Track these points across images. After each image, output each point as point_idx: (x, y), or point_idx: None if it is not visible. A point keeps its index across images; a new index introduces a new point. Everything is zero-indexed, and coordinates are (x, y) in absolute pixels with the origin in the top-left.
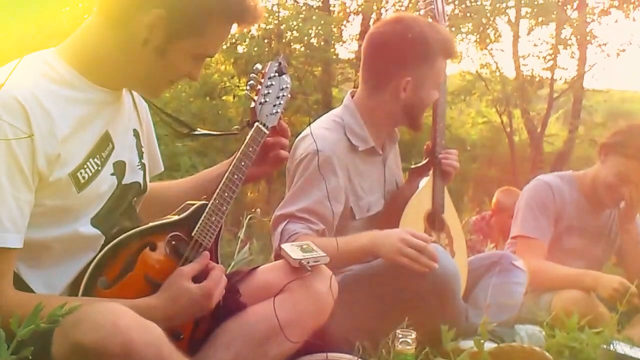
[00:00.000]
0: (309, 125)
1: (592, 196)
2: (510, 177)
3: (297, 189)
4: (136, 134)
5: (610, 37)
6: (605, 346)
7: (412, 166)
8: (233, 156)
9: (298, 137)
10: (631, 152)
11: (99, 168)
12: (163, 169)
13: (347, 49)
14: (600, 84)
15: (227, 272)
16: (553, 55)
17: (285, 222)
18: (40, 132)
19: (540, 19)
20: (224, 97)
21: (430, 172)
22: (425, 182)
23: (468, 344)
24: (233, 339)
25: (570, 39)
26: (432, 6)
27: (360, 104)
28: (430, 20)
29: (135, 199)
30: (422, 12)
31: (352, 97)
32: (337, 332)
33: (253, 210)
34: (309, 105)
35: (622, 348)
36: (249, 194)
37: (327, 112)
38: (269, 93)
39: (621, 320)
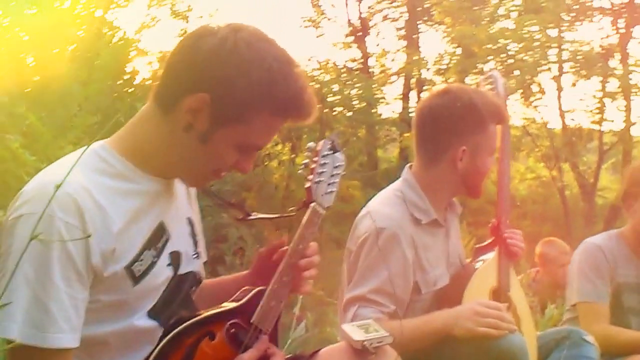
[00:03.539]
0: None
1: None
2: (564, 233)
3: (365, 269)
4: (190, 222)
5: None
6: None
7: (477, 245)
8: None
9: (358, 216)
10: None
11: (155, 260)
12: (206, 258)
13: (389, 109)
14: None
15: (285, 348)
16: (600, 108)
17: (357, 306)
18: (94, 227)
19: (583, 72)
20: (266, 163)
21: (496, 251)
22: (490, 257)
23: None
24: None
25: (616, 91)
26: (493, 85)
27: (419, 176)
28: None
29: (193, 288)
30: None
31: (410, 169)
32: None
33: None
34: (354, 167)
35: None
36: None
37: (373, 173)
38: (323, 172)
39: None
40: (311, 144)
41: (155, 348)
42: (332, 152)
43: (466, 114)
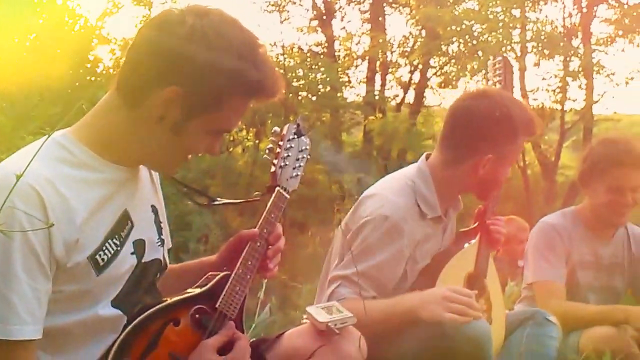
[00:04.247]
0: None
1: (597, 226)
2: (526, 211)
3: (360, 251)
4: (154, 209)
5: (618, 66)
6: None
7: (461, 230)
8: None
9: (365, 194)
10: (606, 164)
11: (119, 248)
12: (170, 245)
13: (353, 93)
14: (608, 109)
15: (249, 333)
16: (562, 88)
17: (338, 284)
18: (57, 218)
19: (546, 52)
20: (231, 149)
21: (478, 237)
22: (471, 244)
23: None
24: None
25: (578, 70)
26: (501, 70)
27: (435, 171)
28: (498, 86)
29: (157, 276)
30: (490, 81)
31: (427, 159)
32: None
33: None
34: (318, 152)
35: None
36: None
37: (338, 157)
38: (288, 156)
39: None
40: (276, 129)
41: (119, 336)
42: (297, 136)
43: (501, 124)
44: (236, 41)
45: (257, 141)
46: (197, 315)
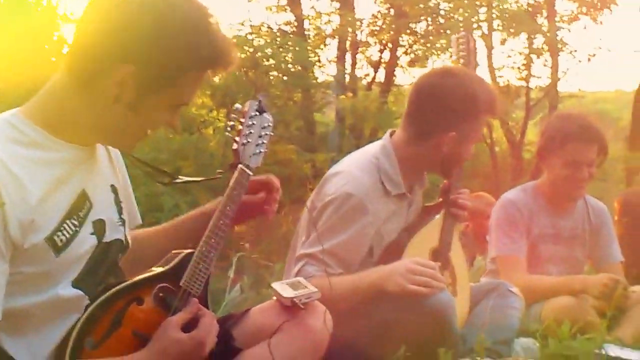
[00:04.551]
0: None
1: (555, 200)
2: (493, 187)
3: (325, 230)
4: (114, 189)
5: (581, 43)
6: (597, 351)
7: (426, 205)
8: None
9: (329, 172)
10: (563, 139)
11: (77, 229)
12: (141, 222)
13: (325, 72)
14: (573, 87)
15: (220, 311)
16: (527, 65)
17: (304, 262)
18: (10, 198)
19: (511, 29)
20: (203, 130)
21: (442, 211)
22: (435, 219)
23: None
24: None
25: (542, 48)
26: (464, 46)
27: (399, 148)
28: (462, 62)
29: (119, 255)
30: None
31: (391, 137)
32: None
33: (242, 244)
34: (291, 132)
35: (613, 351)
36: (236, 227)
37: (311, 137)
38: (250, 133)
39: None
40: (238, 106)
41: (82, 316)
42: (259, 113)
43: (465, 103)
44: (187, 14)
45: (228, 121)
46: (160, 294)
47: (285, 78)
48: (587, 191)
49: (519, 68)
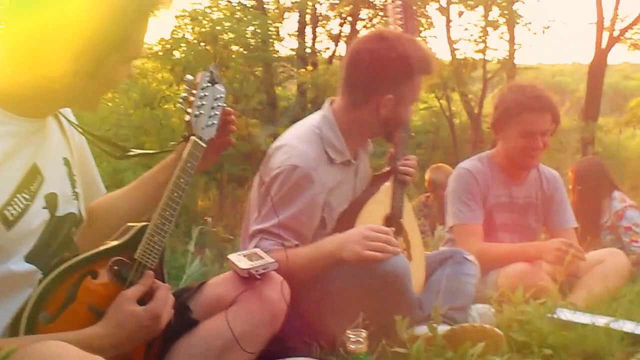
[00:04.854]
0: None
1: (510, 169)
2: (454, 159)
3: (275, 203)
4: (67, 162)
5: (536, 16)
6: (550, 315)
7: (375, 174)
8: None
9: (274, 145)
10: (517, 110)
11: (29, 203)
12: (105, 192)
13: (286, 47)
14: (531, 60)
15: (180, 285)
16: (483, 37)
17: (259, 238)
18: None
19: (469, 2)
20: (165, 106)
21: (391, 179)
22: (385, 186)
23: (423, 330)
24: (188, 358)
25: (497, 20)
26: (401, 15)
27: (339, 115)
28: (400, 29)
29: (73, 229)
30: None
31: (331, 105)
32: (293, 335)
33: (205, 218)
34: (253, 106)
35: (565, 315)
36: (199, 202)
37: (273, 112)
38: (203, 104)
39: (563, 288)
40: (189, 77)
41: (35, 290)
42: (211, 84)
43: (399, 65)
44: None
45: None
46: (115, 267)
47: (245, 52)
48: (545, 162)
49: (475, 40)
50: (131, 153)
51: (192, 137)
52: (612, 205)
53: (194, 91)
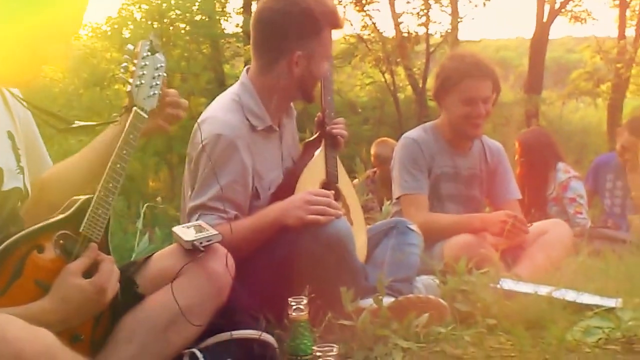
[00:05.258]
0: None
1: (454, 139)
2: (399, 134)
3: (206, 176)
4: (10, 135)
5: None
6: (493, 285)
7: (306, 140)
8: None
9: (199, 120)
10: (458, 78)
11: None
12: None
13: (232, 24)
14: (475, 35)
15: (127, 262)
16: (426, 11)
17: (198, 214)
18: None
19: None
20: (115, 87)
21: (322, 144)
22: (317, 153)
23: (368, 302)
24: (134, 331)
25: None
26: None
27: (256, 81)
28: None
29: (18, 204)
30: None
31: (248, 72)
32: (240, 309)
33: (156, 199)
34: (201, 85)
35: (508, 285)
36: (150, 183)
37: (222, 90)
38: (143, 74)
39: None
40: (129, 46)
41: None
42: (151, 53)
43: (303, 20)
44: None
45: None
46: (61, 241)
47: (192, 29)
48: (489, 135)
49: (418, 14)
50: (74, 125)
51: (134, 108)
52: (556, 176)
53: (134, 61)
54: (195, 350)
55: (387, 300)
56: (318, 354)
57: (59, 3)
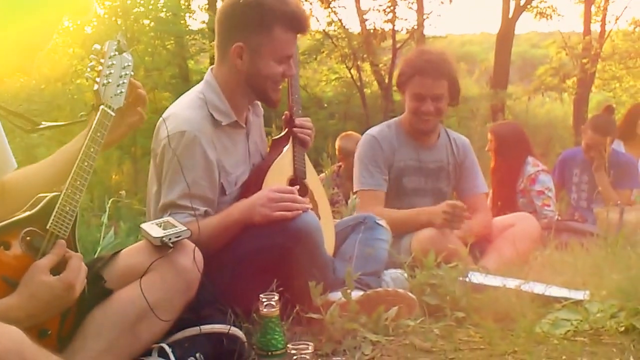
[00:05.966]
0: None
1: (414, 133)
2: (365, 129)
3: (172, 174)
4: None
5: None
6: (461, 278)
7: (273, 137)
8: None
9: (162, 117)
10: (410, 73)
11: None
12: (16, 166)
13: (197, 20)
14: (440, 30)
15: (94, 257)
16: (392, 8)
17: (168, 213)
18: None
19: None
20: (77, 81)
21: (290, 141)
22: (285, 150)
23: (337, 296)
24: (103, 327)
25: None
26: None
27: (218, 77)
28: None
29: None
30: None
31: (212, 70)
32: (208, 303)
33: (120, 192)
34: (165, 80)
35: (476, 278)
36: (113, 176)
37: (186, 85)
38: (110, 73)
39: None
40: (96, 46)
41: None
42: (118, 52)
43: (247, 12)
44: None
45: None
46: (28, 238)
47: (156, 26)
48: (455, 129)
49: (384, 11)
50: (42, 126)
51: (101, 106)
52: (525, 169)
53: (102, 60)
54: (164, 344)
55: (356, 294)
56: (293, 352)
57: (29, 19)
